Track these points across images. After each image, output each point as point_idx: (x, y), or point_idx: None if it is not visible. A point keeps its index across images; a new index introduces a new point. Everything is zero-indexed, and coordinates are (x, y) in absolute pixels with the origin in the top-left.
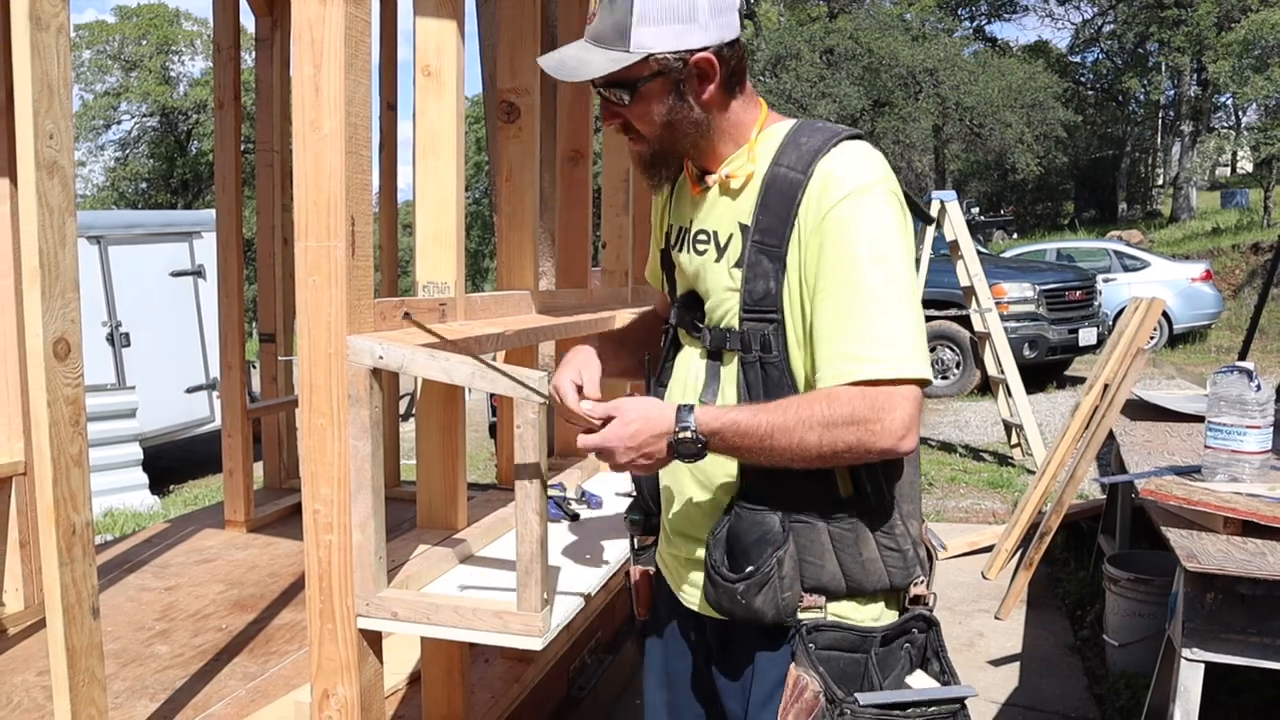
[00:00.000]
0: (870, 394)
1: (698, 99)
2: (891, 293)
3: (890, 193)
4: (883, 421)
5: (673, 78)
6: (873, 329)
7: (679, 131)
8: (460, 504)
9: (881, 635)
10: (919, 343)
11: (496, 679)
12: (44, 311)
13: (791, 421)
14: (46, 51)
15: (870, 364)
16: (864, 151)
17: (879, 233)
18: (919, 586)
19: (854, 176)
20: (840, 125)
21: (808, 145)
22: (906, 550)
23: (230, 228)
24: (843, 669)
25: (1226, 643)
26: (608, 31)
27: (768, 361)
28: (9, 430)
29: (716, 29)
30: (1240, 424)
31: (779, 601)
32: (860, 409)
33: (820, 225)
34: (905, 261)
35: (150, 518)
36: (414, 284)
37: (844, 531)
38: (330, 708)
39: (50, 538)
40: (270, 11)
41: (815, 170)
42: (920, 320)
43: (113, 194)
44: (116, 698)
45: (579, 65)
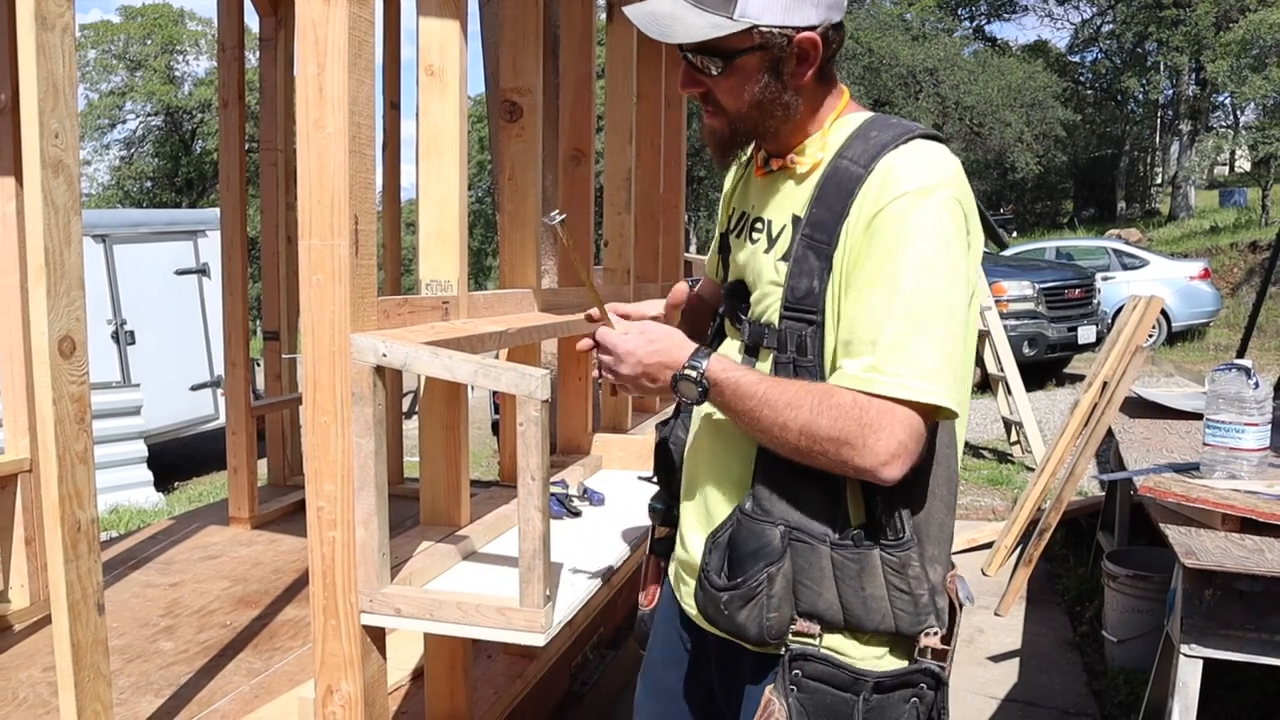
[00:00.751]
0: (865, 407)
1: (793, 80)
2: (929, 306)
3: (954, 200)
4: (867, 441)
5: (773, 54)
6: (898, 340)
7: (766, 112)
8: (463, 501)
9: (875, 681)
10: (947, 366)
11: (499, 675)
12: (49, 309)
13: (783, 404)
14: (52, 51)
15: (880, 377)
16: (934, 152)
17: (931, 239)
18: (930, 638)
19: (916, 176)
20: (918, 123)
21: (876, 139)
22: (920, 595)
23: (234, 226)
24: (829, 705)
25: (1225, 639)
26: None
27: (801, 365)
28: (15, 427)
29: (827, 8)
30: (1238, 421)
31: (763, 620)
32: (848, 423)
33: (871, 223)
34: (954, 276)
35: (155, 514)
36: (417, 282)
37: (847, 560)
38: (334, 703)
39: (56, 534)
40: (274, 11)
41: (877, 166)
42: (959, 342)
43: (118, 193)
44: (121, 693)
45: (674, 24)
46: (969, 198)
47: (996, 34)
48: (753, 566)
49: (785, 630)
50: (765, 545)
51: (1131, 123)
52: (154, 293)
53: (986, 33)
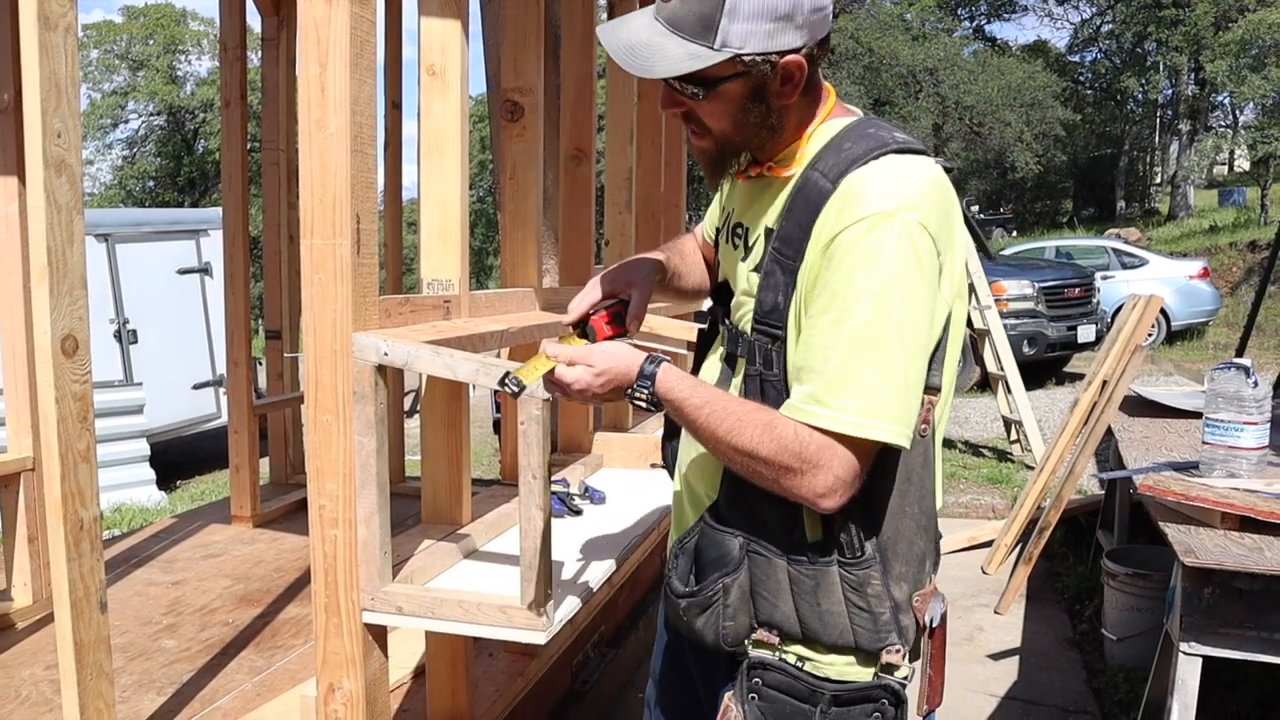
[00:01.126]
0: (806, 441)
1: (779, 101)
2: (879, 337)
3: (916, 225)
4: (804, 474)
5: (757, 80)
6: (843, 372)
7: (752, 133)
8: (465, 500)
9: (833, 694)
10: (895, 400)
11: (500, 673)
12: (52, 309)
13: (726, 428)
14: (54, 51)
15: (823, 410)
16: (905, 170)
17: (888, 267)
18: (893, 655)
19: (878, 200)
20: (900, 133)
21: (848, 153)
22: (880, 614)
23: (236, 226)
24: (789, 715)
25: (1224, 637)
26: (689, 20)
27: (767, 379)
28: (18, 426)
29: (812, 27)
30: (1237, 420)
31: (720, 628)
32: (787, 455)
33: (829, 246)
34: (911, 305)
35: (157, 513)
36: (419, 281)
37: (803, 576)
38: (336, 701)
39: (58, 533)
40: (276, 11)
41: (843, 183)
42: (914, 373)
43: (120, 192)
44: (124, 691)
45: (653, 55)
46: (940, 217)
47: (996, 34)
48: (710, 575)
49: (742, 639)
50: (724, 555)
51: (1131, 122)
52: (156, 292)
53: (986, 33)
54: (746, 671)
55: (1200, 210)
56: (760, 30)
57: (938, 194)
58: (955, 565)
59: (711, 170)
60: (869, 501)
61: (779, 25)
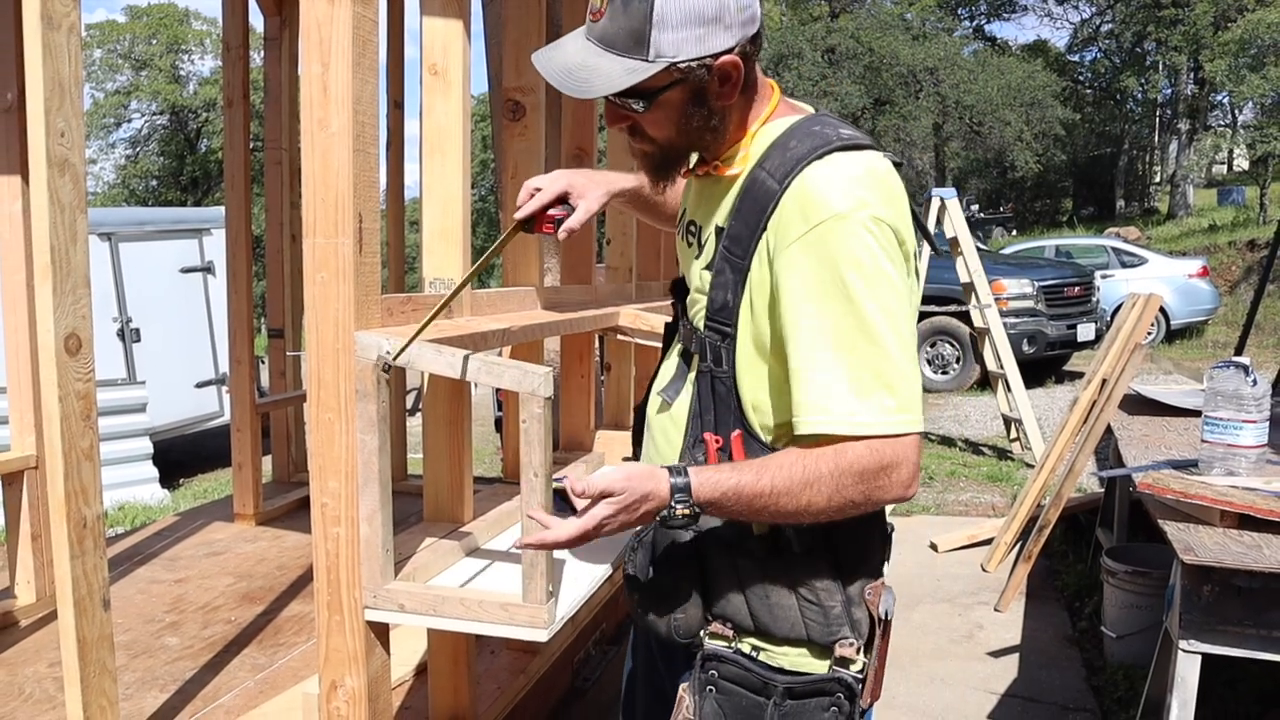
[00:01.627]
0: (880, 449)
1: (719, 102)
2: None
3: (874, 220)
4: (891, 480)
5: (695, 85)
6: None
7: (696, 137)
8: (466, 497)
9: (786, 687)
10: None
11: (502, 670)
12: (55, 307)
13: (799, 487)
14: (58, 51)
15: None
16: (849, 167)
17: (863, 267)
18: (845, 648)
19: (831, 200)
20: (846, 129)
21: (794, 151)
22: (830, 608)
23: (239, 225)
24: (744, 708)
25: (1223, 634)
26: (620, 37)
27: (717, 376)
28: (21, 424)
29: (741, 26)
30: (1237, 419)
31: (671, 620)
32: (870, 473)
33: (786, 252)
34: (890, 298)
35: (160, 511)
36: (421, 280)
37: (752, 569)
38: (338, 699)
39: (62, 531)
40: (279, 11)
41: (792, 183)
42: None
43: (123, 191)
44: (127, 689)
45: (590, 75)
46: (894, 207)
47: (996, 34)
48: (663, 569)
49: (696, 631)
50: (677, 549)
51: (1130, 121)
52: (159, 290)
53: (986, 32)
54: (701, 663)
55: (1199, 209)
56: (691, 36)
57: (887, 187)
58: (955, 563)
59: (654, 174)
60: None
61: (708, 29)
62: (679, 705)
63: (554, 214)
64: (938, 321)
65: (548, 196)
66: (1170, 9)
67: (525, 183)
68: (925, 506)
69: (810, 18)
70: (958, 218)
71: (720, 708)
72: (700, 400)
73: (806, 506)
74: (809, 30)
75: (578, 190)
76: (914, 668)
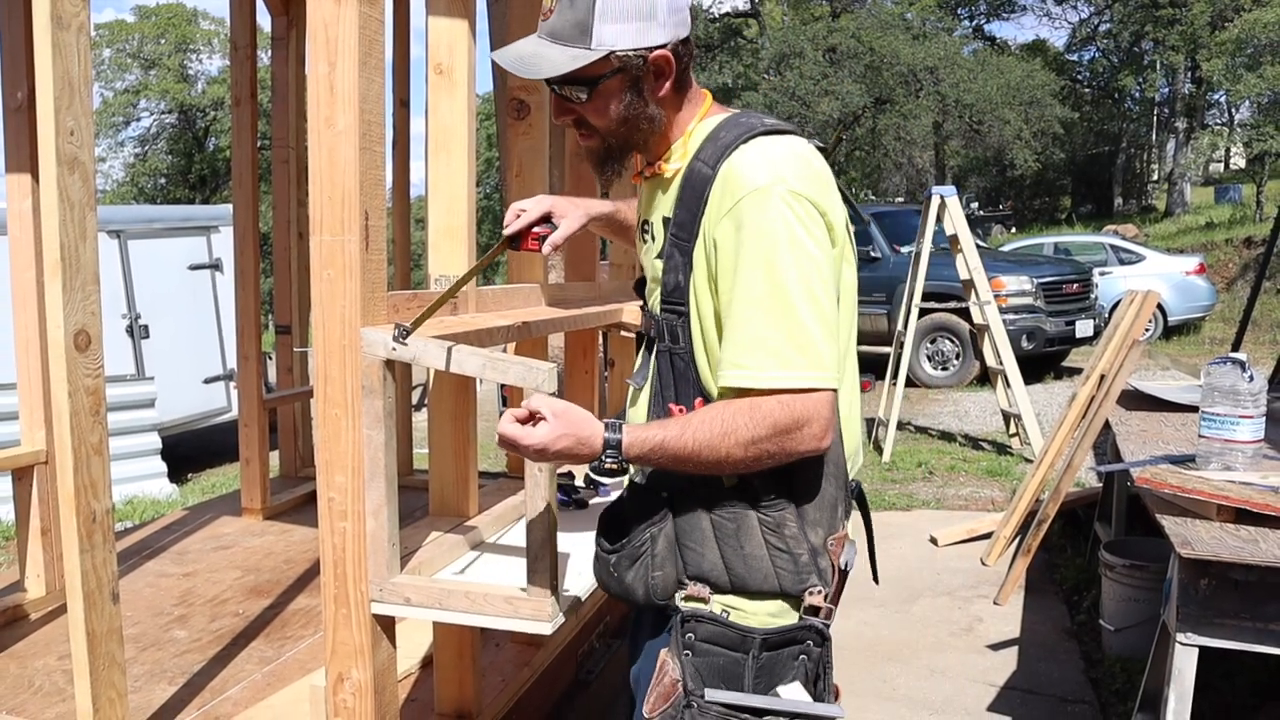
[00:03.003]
0: (790, 404)
1: (653, 95)
2: (797, 299)
3: (791, 193)
4: (804, 431)
5: (632, 74)
6: (792, 338)
7: (634, 127)
8: (472, 492)
9: (762, 638)
10: (823, 347)
11: (507, 663)
12: (65, 304)
13: (718, 436)
14: (67, 50)
15: (791, 373)
16: (769, 148)
17: (778, 237)
18: (815, 597)
19: (752, 177)
20: (770, 119)
21: (723, 140)
22: (799, 555)
23: (247, 222)
24: (722, 666)
25: (1220, 627)
26: (567, 29)
27: (675, 353)
28: (31, 420)
29: (673, 26)
30: (1233, 414)
31: (649, 579)
32: (783, 424)
33: (717, 227)
34: (805, 264)
35: (168, 505)
36: (426, 277)
37: (724, 520)
38: (344, 691)
39: (71, 525)
40: (286, 10)
41: (721, 167)
42: (824, 321)
43: (132, 189)
44: (135, 681)
45: (539, 61)
46: (814, 183)
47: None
48: (637, 527)
49: (672, 591)
50: (649, 507)
51: (1128, 120)
52: (168, 287)
53: (986, 32)
54: (680, 625)
55: (1196, 207)
56: (629, 29)
57: (805, 164)
58: (955, 556)
59: (599, 167)
60: None
61: (644, 24)
62: (660, 669)
63: (538, 231)
64: (938, 318)
65: (533, 216)
66: (1168, 9)
67: (511, 205)
68: (925, 501)
69: (812, 17)
70: (958, 215)
71: (697, 669)
72: (661, 378)
73: (726, 457)
74: (810, 30)
75: (559, 211)
76: (914, 660)
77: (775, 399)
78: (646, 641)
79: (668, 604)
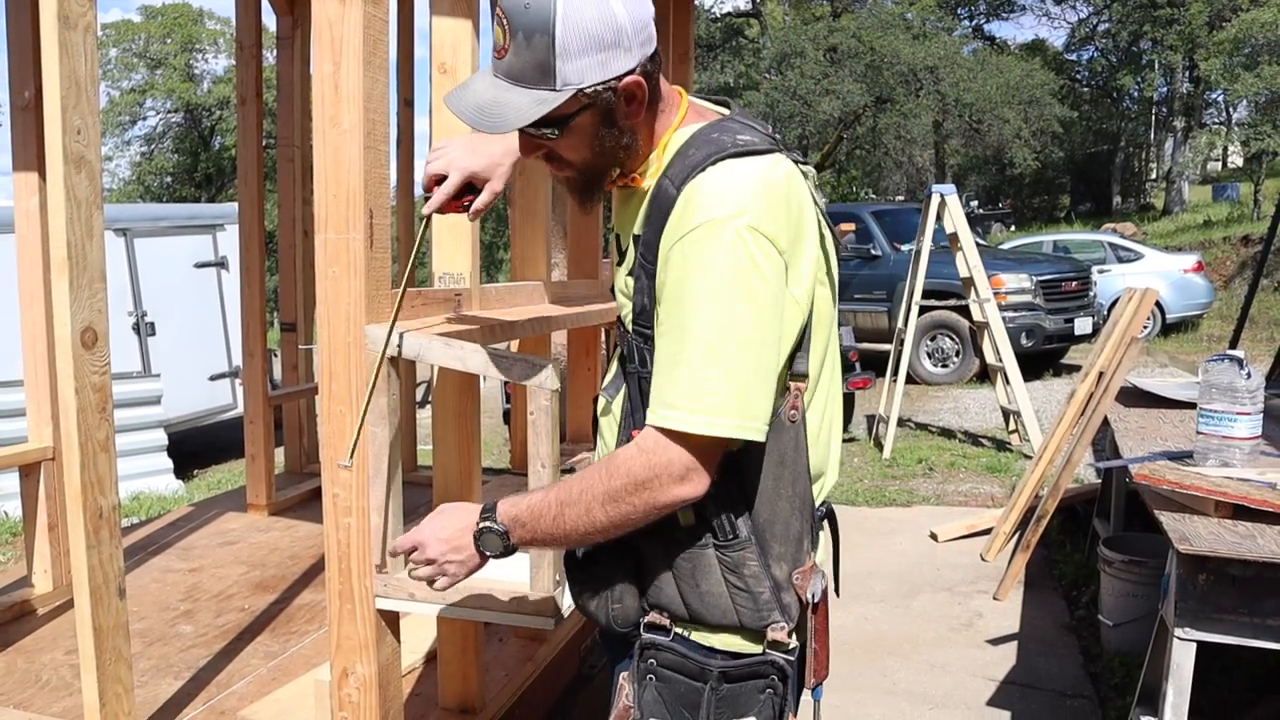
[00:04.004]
0: (649, 450)
1: (628, 121)
2: (720, 340)
3: (747, 229)
4: (660, 479)
5: (603, 108)
6: (689, 375)
7: (610, 156)
8: (475, 488)
9: (721, 670)
10: (738, 397)
11: (510, 657)
12: (72, 301)
13: (577, 494)
14: (74, 50)
15: (667, 411)
16: (735, 174)
17: (719, 273)
18: (777, 632)
19: (710, 207)
20: (745, 134)
21: (691, 159)
22: (759, 593)
23: (252, 220)
24: (682, 694)
25: (1218, 622)
26: (527, 70)
27: (643, 376)
28: (38, 416)
29: (640, 46)
30: (1231, 410)
31: (609, 610)
32: (638, 471)
33: (669, 254)
34: (751, 307)
35: (175, 501)
36: (430, 275)
37: (681, 559)
38: (349, 685)
39: (78, 521)
40: (291, 10)
41: (685, 190)
42: (760, 369)
43: (138, 188)
44: (142, 676)
45: (502, 110)
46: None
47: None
48: (600, 560)
49: (633, 620)
50: (612, 542)
51: (1127, 119)
52: (174, 285)
53: (985, 32)
54: (640, 652)
55: (1194, 205)
56: (594, 63)
57: (772, 194)
58: (955, 552)
59: (579, 197)
60: (741, 486)
61: (610, 54)
62: (619, 694)
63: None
64: (938, 316)
65: (452, 189)
66: (1166, 9)
67: (428, 170)
68: (926, 497)
69: (813, 17)
70: (957, 214)
71: (660, 695)
72: (631, 400)
73: (588, 511)
74: (811, 30)
75: (481, 176)
76: (915, 655)
77: (637, 446)
78: (614, 665)
79: (629, 631)
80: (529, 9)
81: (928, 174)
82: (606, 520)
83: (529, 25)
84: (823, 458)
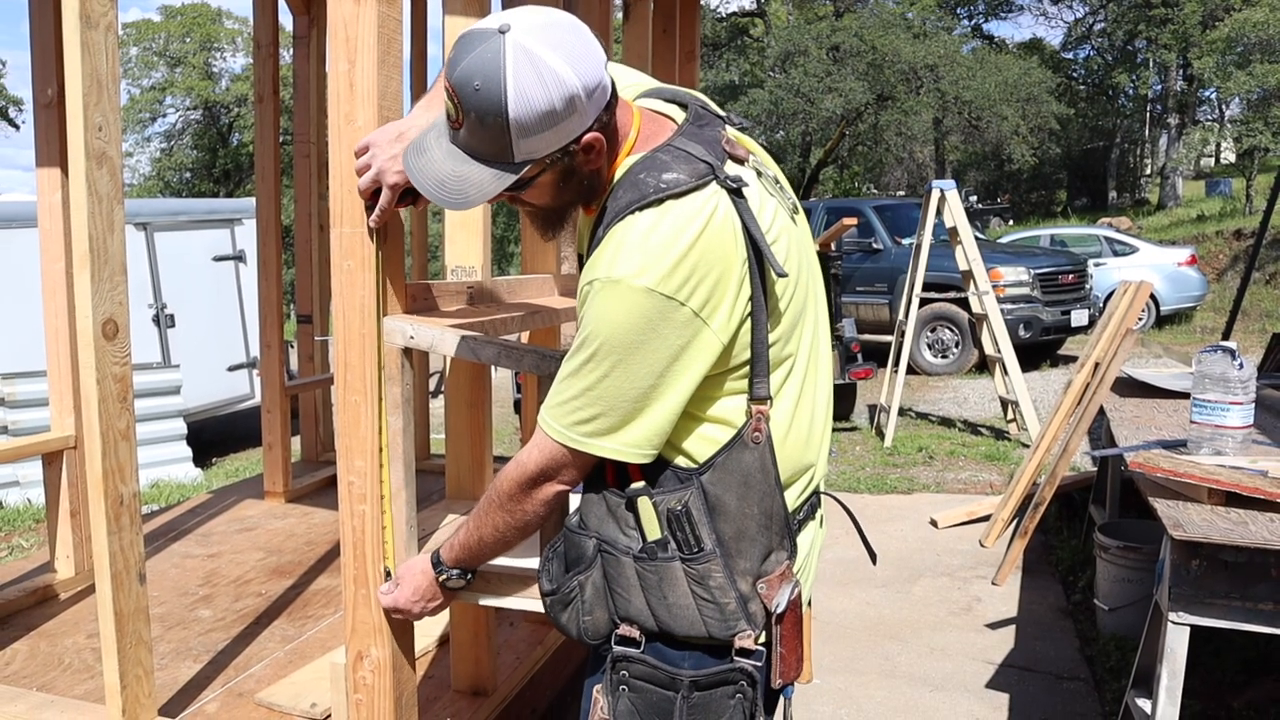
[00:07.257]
0: (523, 460)
1: (589, 167)
2: (593, 382)
3: (644, 291)
4: (538, 483)
5: (564, 166)
6: (561, 394)
7: (575, 197)
8: (487, 476)
9: (691, 680)
10: (596, 426)
11: (521, 641)
12: (94, 294)
13: (481, 515)
14: (96, 48)
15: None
16: (651, 229)
17: (613, 326)
18: (745, 639)
19: (617, 263)
20: (671, 172)
21: (620, 200)
22: (725, 604)
23: (269, 215)
24: (655, 703)
25: (1210, 607)
26: (484, 148)
27: None
28: (61, 406)
29: (595, 105)
30: (1224, 400)
31: (580, 623)
32: (520, 481)
33: (583, 287)
34: (634, 365)
35: (194, 489)
36: (443, 268)
37: (648, 572)
38: (364, 668)
39: (99, 508)
40: (307, 10)
41: (608, 234)
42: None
43: (158, 183)
44: (162, 659)
45: (464, 185)
46: (676, 273)
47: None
48: (569, 574)
49: (604, 633)
50: (580, 555)
51: (1122, 116)
52: (193, 278)
53: (984, 31)
54: (612, 665)
55: (1188, 200)
56: (550, 136)
57: (677, 249)
58: (955, 539)
59: (544, 230)
60: (707, 504)
61: (565, 123)
62: (594, 707)
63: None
64: (938, 308)
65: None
66: (1160, 8)
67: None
68: (926, 485)
69: (816, 17)
70: (957, 208)
71: (633, 705)
72: None
73: (494, 526)
74: (814, 29)
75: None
76: (915, 639)
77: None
78: (586, 678)
79: (600, 644)
80: (479, 91)
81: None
82: (514, 525)
83: (480, 108)
84: (800, 458)
